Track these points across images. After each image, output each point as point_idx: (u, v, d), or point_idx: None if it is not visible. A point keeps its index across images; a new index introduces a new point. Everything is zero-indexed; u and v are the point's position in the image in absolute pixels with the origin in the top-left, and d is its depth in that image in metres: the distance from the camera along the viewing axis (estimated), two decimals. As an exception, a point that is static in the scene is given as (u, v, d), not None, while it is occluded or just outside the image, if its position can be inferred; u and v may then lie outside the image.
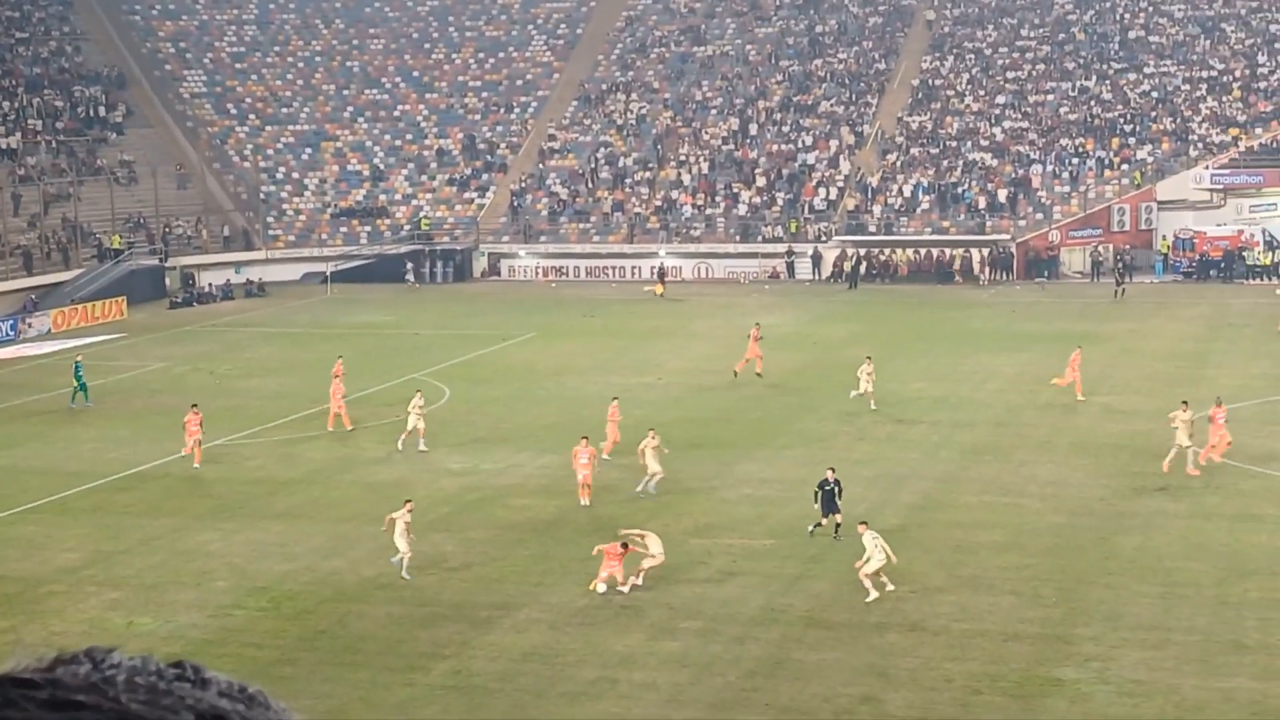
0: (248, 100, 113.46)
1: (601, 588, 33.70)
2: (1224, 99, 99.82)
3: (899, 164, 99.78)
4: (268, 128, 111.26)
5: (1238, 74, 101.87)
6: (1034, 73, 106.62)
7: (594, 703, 27.81)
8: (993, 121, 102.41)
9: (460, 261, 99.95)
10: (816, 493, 37.57)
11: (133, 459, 48.61)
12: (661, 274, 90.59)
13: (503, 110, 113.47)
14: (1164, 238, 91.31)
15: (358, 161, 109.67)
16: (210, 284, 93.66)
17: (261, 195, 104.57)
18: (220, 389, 61.23)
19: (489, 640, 30.86)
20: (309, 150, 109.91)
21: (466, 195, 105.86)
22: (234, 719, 2.15)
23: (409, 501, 36.17)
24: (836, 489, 37.40)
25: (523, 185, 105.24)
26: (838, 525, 36.87)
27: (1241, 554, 35.50)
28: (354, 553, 37.78)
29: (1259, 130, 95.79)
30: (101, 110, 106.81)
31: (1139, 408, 52.36)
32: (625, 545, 34.10)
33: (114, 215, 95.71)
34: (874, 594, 32.58)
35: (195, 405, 47.89)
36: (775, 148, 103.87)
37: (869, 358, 53.68)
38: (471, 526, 39.92)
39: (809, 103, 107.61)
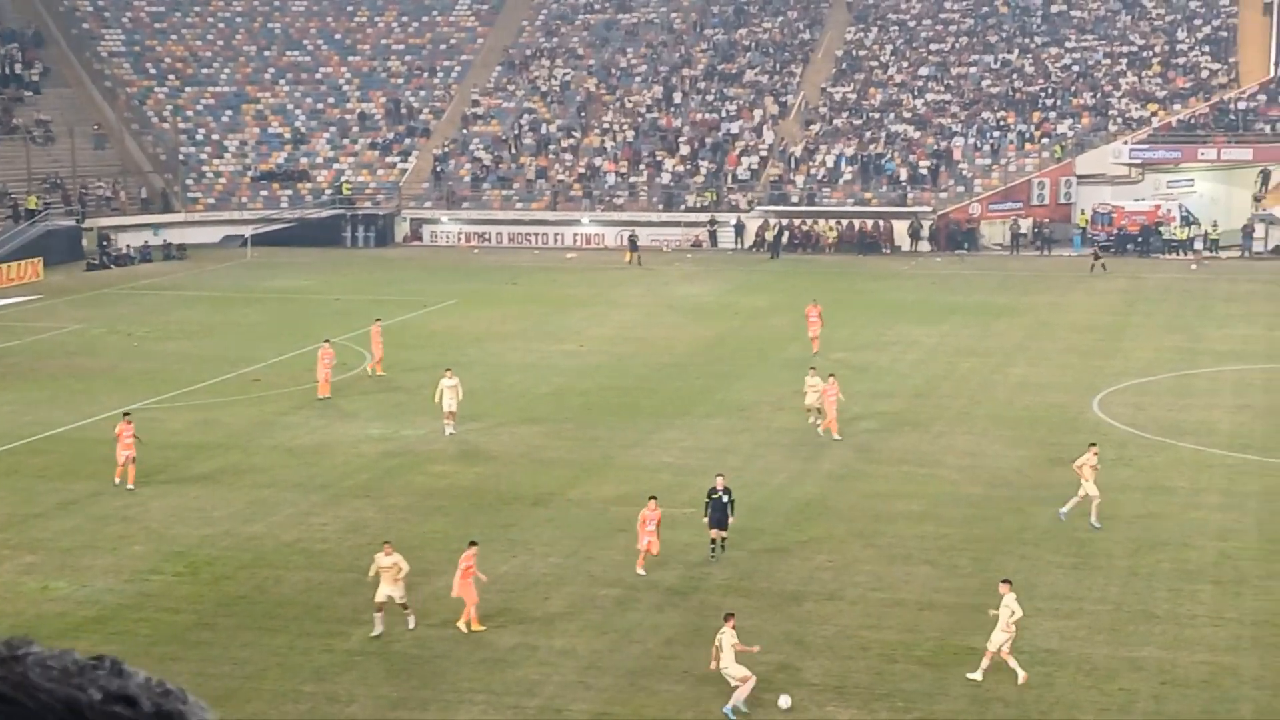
0: (167, 60, 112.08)
1: (641, 571, 32.51)
2: (1143, 74, 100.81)
3: (822, 135, 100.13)
4: (187, 89, 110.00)
5: (1157, 49, 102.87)
6: (957, 45, 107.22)
7: (513, 669, 27.89)
8: (915, 93, 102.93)
9: (382, 227, 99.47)
10: (706, 504, 34.04)
11: (49, 421, 48.11)
12: (633, 242, 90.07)
13: (426, 74, 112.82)
14: (1083, 212, 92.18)
15: (279, 124, 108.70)
16: (128, 246, 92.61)
17: (181, 157, 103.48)
18: (138, 351, 60.74)
19: (416, 605, 30.77)
20: (229, 112, 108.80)
21: (389, 160, 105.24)
22: (144, 704, 2.16)
23: (388, 544, 31.03)
24: (727, 499, 33.86)
25: (446, 151, 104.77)
26: (723, 540, 33.77)
27: (1153, 525, 36.03)
28: (273, 518, 37.64)
29: (1177, 106, 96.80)
30: (18, 68, 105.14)
31: (1056, 380, 52.95)
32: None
33: (30, 176, 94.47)
34: (1022, 675, 26.72)
35: (128, 415, 42.51)
36: (699, 116, 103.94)
37: (811, 368, 47.76)
38: (392, 493, 39.85)
39: (733, 72, 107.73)
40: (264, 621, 30.03)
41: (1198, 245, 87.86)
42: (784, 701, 26.14)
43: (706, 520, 33.96)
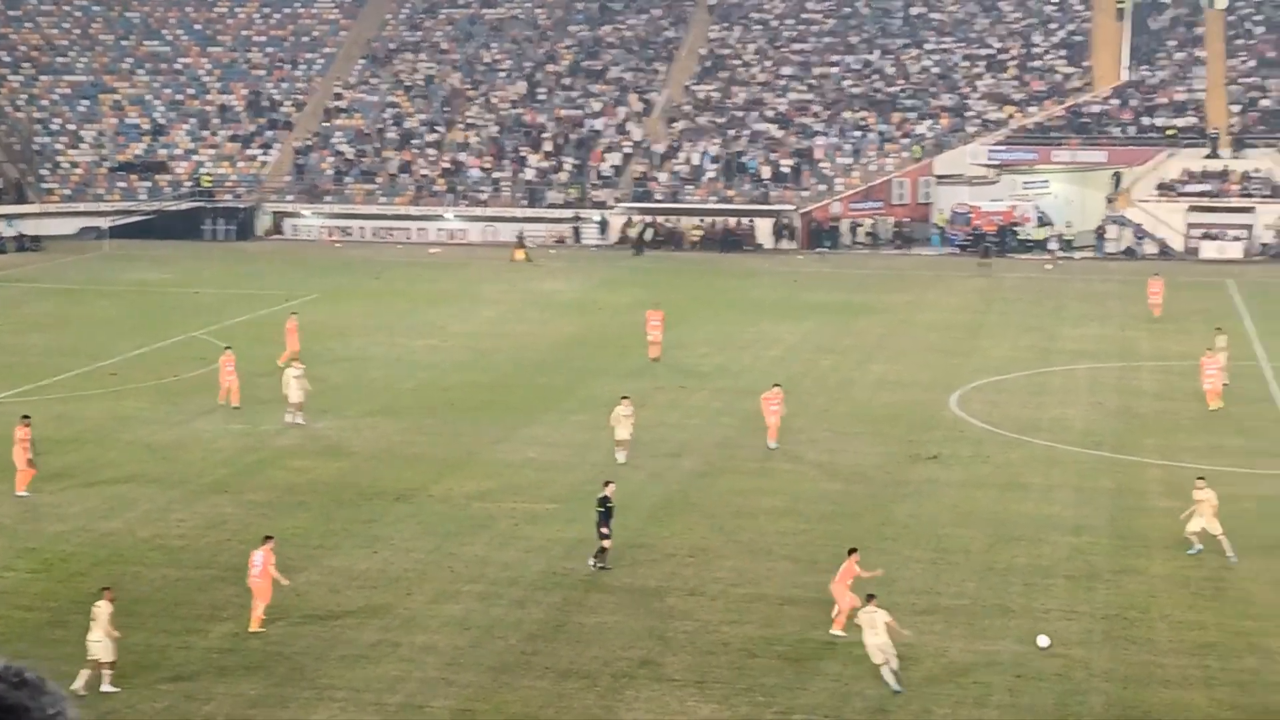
0: (22, 48, 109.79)
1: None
2: (1000, 77, 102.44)
3: (686, 132, 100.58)
4: (43, 77, 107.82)
5: (1014, 53, 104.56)
6: (819, 46, 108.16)
7: (374, 666, 27.75)
8: (778, 93, 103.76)
9: (243, 220, 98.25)
10: (600, 512, 33.28)
11: (-104, 417, 46.95)
12: (521, 240, 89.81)
13: (288, 67, 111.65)
14: (941, 211, 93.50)
15: (137, 115, 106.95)
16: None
17: (36, 147, 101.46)
18: (-10, 345, 59.49)
19: (268, 604, 30.50)
20: (86, 102, 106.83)
21: (250, 152, 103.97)
22: None
23: (107, 590, 28.25)
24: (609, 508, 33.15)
25: (308, 144, 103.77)
26: (603, 550, 33.09)
27: (1009, 521, 36.66)
28: (130, 514, 37.09)
29: (1033, 109, 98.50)
30: None
31: (914, 378, 53.67)
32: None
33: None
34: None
35: (27, 417, 40.41)
36: (564, 113, 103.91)
37: (624, 397, 43.30)
38: (251, 489, 39.42)
39: (598, 68, 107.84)
40: (121, 619, 29.47)
41: (1052, 246, 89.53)
42: (1043, 641, 28.14)
43: (605, 531, 33.07)
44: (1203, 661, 28.05)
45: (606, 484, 34.27)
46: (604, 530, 33.09)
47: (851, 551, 30.17)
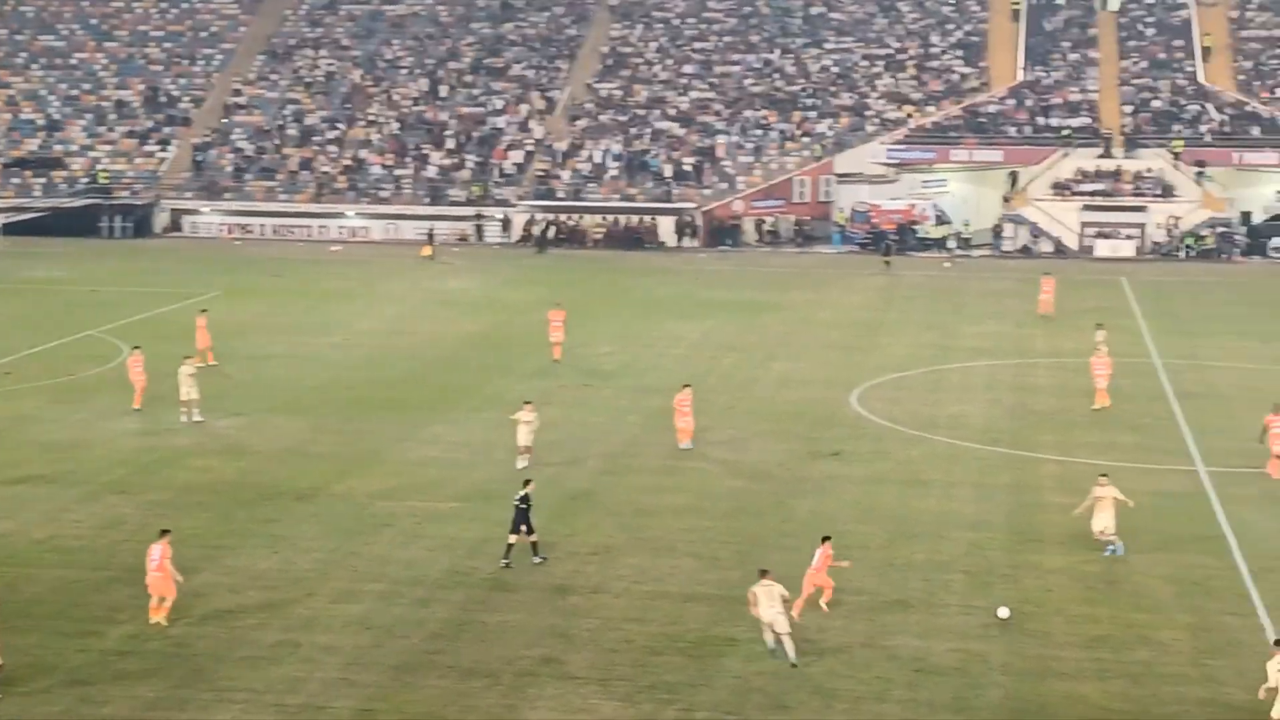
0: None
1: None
2: (899, 77, 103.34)
3: (588, 131, 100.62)
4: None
5: (912, 53, 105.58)
6: (720, 44, 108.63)
7: (275, 667, 27.59)
8: (680, 91, 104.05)
9: (140, 217, 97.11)
10: (519, 510, 33.19)
11: None
12: (431, 237, 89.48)
13: (186, 62, 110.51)
14: (841, 210, 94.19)
15: (31, 110, 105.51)
16: None
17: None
18: (-120, 344, 58.45)
19: (171, 597, 30.23)
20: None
21: (147, 149, 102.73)
22: None
23: None
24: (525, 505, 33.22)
25: (207, 140, 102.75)
26: (535, 545, 33.34)
27: (909, 517, 37.03)
28: (25, 515, 36.61)
29: (931, 108, 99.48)
30: None
31: (816, 375, 54.05)
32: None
33: None
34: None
35: None
36: (466, 110, 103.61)
37: (526, 401, 42.64)
38: (150, 488, 39.03)
39: (500, 66, 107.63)
40: (15, 621, 29.15)
41: (951, 244, 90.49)
42: (1003, 612, 29.50)
43: (525, 529, 33.15)
44: (1096, 654, 28.51)
45: (526, 483, 34.16)
46: (523, 528, 33.05)
47: (825, 539, 30.72)
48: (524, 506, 33.21)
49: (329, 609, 30.54)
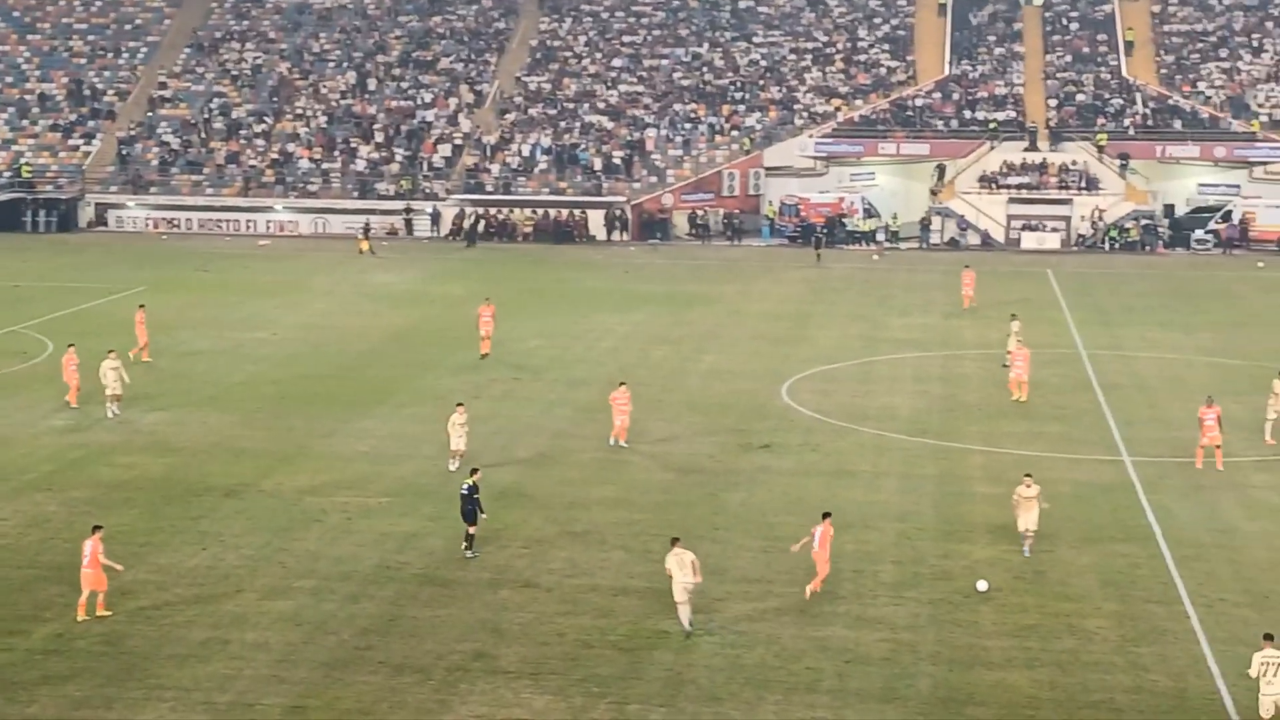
0: None
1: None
2: (827, 70, 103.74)
3: (517, 124, 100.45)
4: None
5: (840, 46, 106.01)
6: (649, 38, 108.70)
7: (203, 664, 27.42)
8: (609, 85, 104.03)
9: (65, 211, 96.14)
10: (471, 499, 33.39)
11: None
12: (367, 230, 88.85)
13: (110, 55, 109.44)
14: (770, 203, 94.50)
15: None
16: None
17: None
18: None
19: (103, 591, 29.99)
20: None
21: (71, 142, 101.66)
22: None
23: None
24: (474, 495, 33.45)
25: (132, 134, 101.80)
26: (471, 538, 33.51)
27: (838, 508, 37.05)
28: (-52, 514, 36.21)
29: (859, 102, 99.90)
30: None
31: (746, 368, 54.22)
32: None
33: None
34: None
35: None
36: (394, 103, 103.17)
37: (458, 404, 41.71)
38: (75, 485, 38.68)
39: (428, 59, 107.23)
40: (-61, 622, 28.90)
41: (880, 237, 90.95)
42: (982, 585, 30.41)
43: (485, 517, 33.74)
44: (1024, 643, 28.79)
45: (473, 472, 34.29)
46: (479, 516, 33.35)
47: (825, 516, 31.69)
48: (473, 496, 33.34)
49: (259, 606, 30.39)
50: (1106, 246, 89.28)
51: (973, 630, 29.39)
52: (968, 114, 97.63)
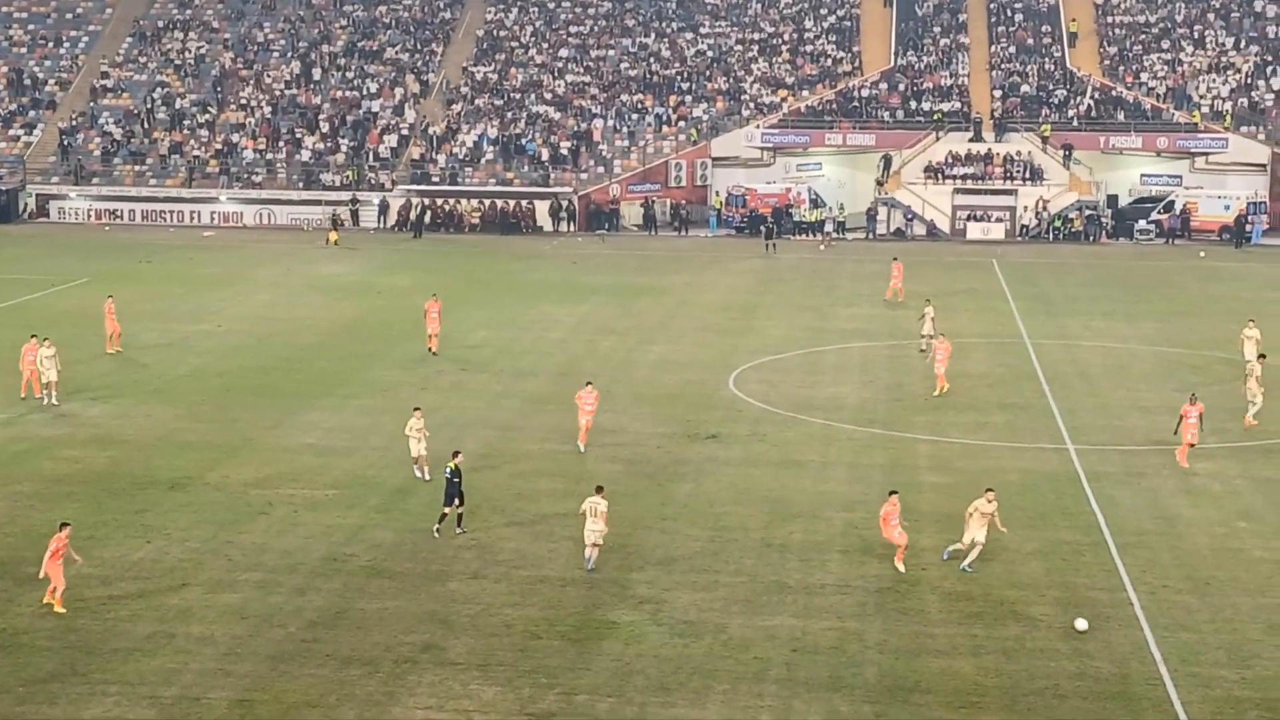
0: None
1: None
2: (774, 61, 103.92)
3: (464, 114, 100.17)
4: None
5: (786, 37, 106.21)
6: (596, 28, 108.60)
7: (149, 659, 27.24)
8: (556, 75, 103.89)
9: (5, 202, 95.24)
10: (451, 482, 33.96)
11: None
12: (335, 221, 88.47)
13: (51, 44, 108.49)
14: (718, 194, 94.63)
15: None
16: None
17: None
18: None
19: (36, 597, 29.76)
20: None
21: (12, 132, 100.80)
22: None
23: None
24: (456, 478, 33.90)
25: (73, 124, 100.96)
26: (460, 516, 34.06)
27: (785, 499, 37.34)
28: (-111, 509, 35.84)
29: (805, 92, 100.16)
30: None
31: (693, 358, 54.29)
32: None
33: None
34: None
35: None
36: (340, 93, 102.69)
37: (415, 408, 40.00)
38: (17, 479, 38.34)
39: (374, 49, 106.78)
40: (-120, 617, 28.62)
41: (827, 227, 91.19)
42: (1080, 624, 28.92)
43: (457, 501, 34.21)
44: (970, 631, 28.95)
45: (455, 454, 34.54)
46: (456, 500, 33.89)
47: (892, 493, 33.10)
48: (455, 479, 33.74)
49: (204, 599, 30.22)
50: (1051, 237, 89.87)
51: (919, 619, 29.53)
52: (913, 105, 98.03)
